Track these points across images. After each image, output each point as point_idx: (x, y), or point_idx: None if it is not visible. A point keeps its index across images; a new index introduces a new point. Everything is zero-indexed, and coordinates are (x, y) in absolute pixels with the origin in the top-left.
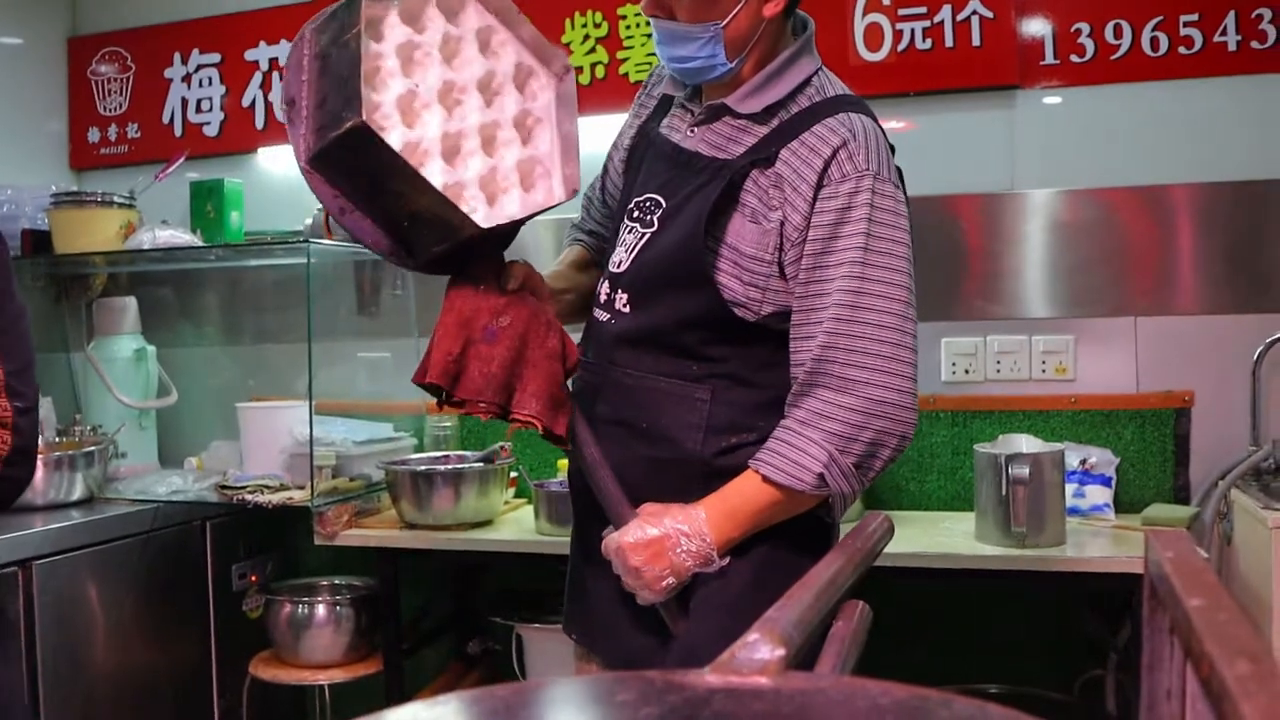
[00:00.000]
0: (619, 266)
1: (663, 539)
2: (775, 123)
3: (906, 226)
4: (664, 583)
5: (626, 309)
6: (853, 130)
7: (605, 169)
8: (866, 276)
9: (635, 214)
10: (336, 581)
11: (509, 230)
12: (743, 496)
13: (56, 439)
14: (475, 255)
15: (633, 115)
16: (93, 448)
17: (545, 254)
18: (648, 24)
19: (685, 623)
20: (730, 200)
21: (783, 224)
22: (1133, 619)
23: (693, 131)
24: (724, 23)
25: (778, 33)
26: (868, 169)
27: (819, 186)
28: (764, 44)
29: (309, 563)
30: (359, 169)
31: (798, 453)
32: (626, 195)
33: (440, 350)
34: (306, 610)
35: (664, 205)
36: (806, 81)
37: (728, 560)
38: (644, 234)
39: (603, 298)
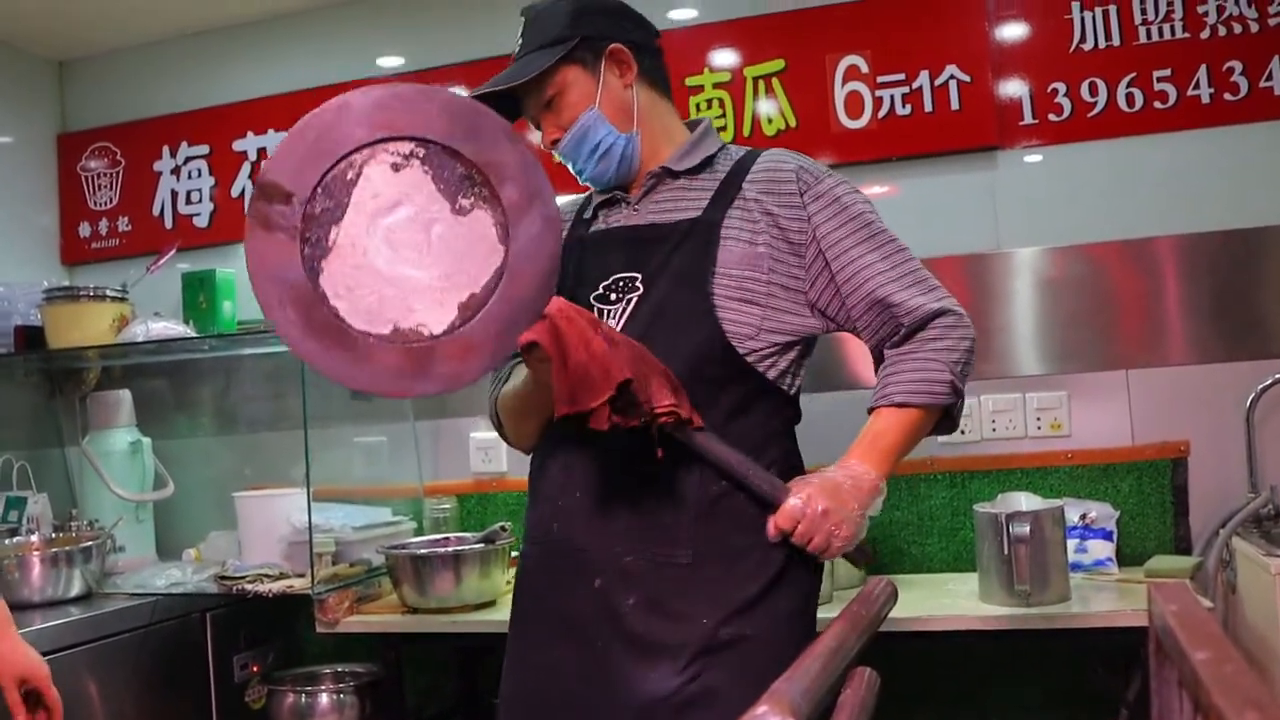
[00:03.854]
0: None
1: (836, 485)
2: (719, 171)
3: None
4: (858, 520)
5: None
6: (795, 153)
7: None
8: (886, 235)
9: (611, 297)
10: (340, 669)
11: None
12: (881, 435)
13: (53, 534)
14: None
15: None
16: (90, 542)
17: None
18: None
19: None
20: (714, 240)
21: (774, 235)
22: (1142, 672)
23: (636, 210)
24: (595, 105)
25: (652, 97)
26: (829, 172)
27: (801, 194)
28: (646, 106)
29: (311, 651)
30: None
31: (922, 373)
32: (580, 288)
33: (600, 361)
34: (310, 700)
35: (640, 275)
36: (723, 147)
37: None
38: (630, 299)
39: None
